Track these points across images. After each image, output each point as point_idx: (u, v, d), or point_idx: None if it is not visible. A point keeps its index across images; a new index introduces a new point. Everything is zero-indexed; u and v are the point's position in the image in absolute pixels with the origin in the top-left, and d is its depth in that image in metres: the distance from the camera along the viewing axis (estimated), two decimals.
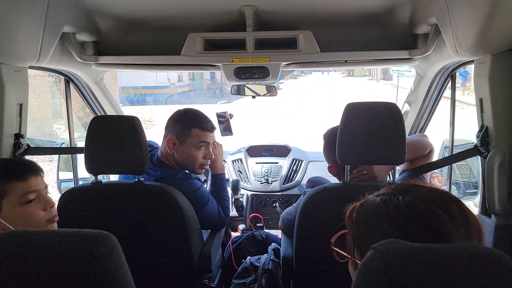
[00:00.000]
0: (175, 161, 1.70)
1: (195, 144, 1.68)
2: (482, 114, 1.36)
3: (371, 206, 0.66)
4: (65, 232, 0.56)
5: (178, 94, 18.87)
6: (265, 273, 1.72)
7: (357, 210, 0.68)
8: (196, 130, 1.68)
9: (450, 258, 0.47)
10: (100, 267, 0.52)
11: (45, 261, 0.52)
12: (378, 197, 0.67)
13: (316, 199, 1.35)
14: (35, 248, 0.54)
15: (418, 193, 0.64)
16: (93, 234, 0.54)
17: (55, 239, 0.54)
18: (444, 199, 0.63)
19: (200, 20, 1.64)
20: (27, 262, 0.53)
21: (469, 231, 0.60)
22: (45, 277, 0.52)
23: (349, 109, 1.35)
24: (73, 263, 0.52)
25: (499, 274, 0.46)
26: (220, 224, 1.77)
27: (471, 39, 1.15)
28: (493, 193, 1.30)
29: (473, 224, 0.62)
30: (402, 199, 0.63)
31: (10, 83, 1.33)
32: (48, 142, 7.75)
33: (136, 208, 1.43)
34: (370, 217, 0.65)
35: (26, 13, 1.20)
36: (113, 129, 1.42)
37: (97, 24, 1.64)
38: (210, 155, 1.73)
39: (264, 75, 1.68)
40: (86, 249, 0.52)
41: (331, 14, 1.60)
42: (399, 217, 0.61)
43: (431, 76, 1.92)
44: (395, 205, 0.63)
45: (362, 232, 0.66)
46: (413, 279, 0.45)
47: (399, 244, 0.50)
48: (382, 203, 0.64)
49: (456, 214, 0.61)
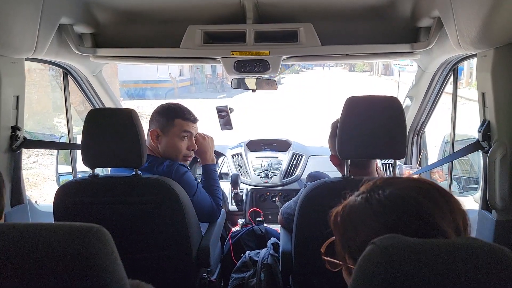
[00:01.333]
0: (159, 153, 1.73)
1: (178, 134, 1.71)
2: (484, 109, 1.34)
3: (354, 207, 0.65)
4: (55, 225, 0.55)
5: (179, 89, 18.82)
6: (264, 268, 1.72)
7: (341, 213, 0.67)
8: (179, 120, 1.72)
9: (451, 253, 0.47)
10: (90, 262, 0.51)
11: (35, 255, 0.51)
12: (358, 197, 0.66)
13: (316, 193, 1.34)
14: (25, 241, 0.52)
15: (397, 185, 0.63)
16: (84, 228, 0.53)
17: (45, 232, 0.53)
18: (424, 186, 0.63)
19: (199, 12, 1.62)
20: (17, 257, 0.52)
21: (453, 214, 0.60)
22: (35, 272, 0.51)
23: (349, 103, 1.33)
24: (63, 257, 0.50)
25: (500, 268, 0.46)
26: (213, 215, 1.76)
27: (474, 32, 1.13)
28: (494, 188, 1.29)
29: (456, 206, 0.61)
30: (382, 193, 0.62)
31: (6, 75, 1.31)
32: (48, 135, 7.75)
33: (134, 201, 1.42)
34: (355, 217, 0.64)
35: (22, 3, 1.19)
36: (110, 122, 1.41)
37: (95, 16, 1.62)
38: (193, 146, 1.78)
39: (264, 69, 1.66)
40: (77, 243, 0.51)
41: (332, 7, 1.58)
42: (383, 211, 0.60)
43: (433, 70, 1.91)
44: (377, 200, 0.62)
45: (349, 235, 0.65)
46: (413, 274, 0.45)
47: (399, 238, 0.49)
48: (364, 201, 0.64)
49: (439, 199, 0.60)
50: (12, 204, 1.43)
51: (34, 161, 6.66)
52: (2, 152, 1.38)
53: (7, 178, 1.41)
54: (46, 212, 1.67)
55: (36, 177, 6.01)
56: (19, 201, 1.47)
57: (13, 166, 1.44)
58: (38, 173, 6.20)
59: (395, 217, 0.59)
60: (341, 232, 0.67)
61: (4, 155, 1.39)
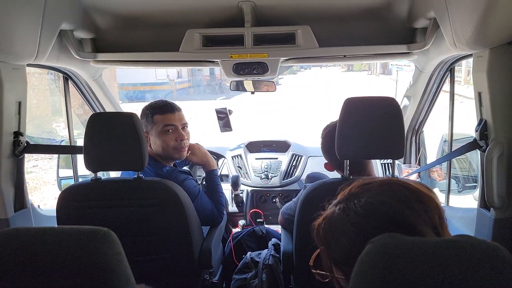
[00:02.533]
0: (154, 154, 1.73)
1: (160, 130, 1.70)
2: (480, 108, 1.36)
3: (333, 218, 0.67)
4: (64, 229, 0.56)
5: (177, 91, 18.83)
6: (265, 268, 1.73)
7: (322, 225, 0.69)
8: (157, 116, 1.70)
9: (450, 251, 0.48)
10: (99, 264, 0.53)
11: (45, 258, 0.53)
12: (336, 207, 0.67)
13: (316, 193, 1.36)
14: (35, 245, 0.54)
15: (370, 192, 0.65)
16: (93, 231, 0.55)
17: (55, 236, 0.55)
18: (395, 189, 0.64)
19: (198, 16, 1.64)
20: (27, 260, 0.53)
21: (428, 213, 0.61)
22: (45, 274, 0.52)
23: (348, 104, 1.35)
24: (73, 260, 0.52)
25: (496, 266, 0.47)
26: (214, 220, 1.77)
27: (469, 32, 1.15)
28: (492, 187, 1.30)
29: (431, 204, 0.63)
30: (357, 203, 0.64)
31: (9, 81, 1.33)
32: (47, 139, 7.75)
33: (136, 204, 1.43)
34: (335, 229, 0.66)
35: (23, 10, 1.20)
36: (112, 125, 1.42)
37: (95, 21, 1.64)
38: (182, 137, 1.72)
39: (263, 71, 1.68)
40: (86, 246, 0.53)
41: (329, 9, 1.59)
42: (360, 221, 0.62)
43: (430, 70, 1.92)
44: (354, 211, 0.64)
45: (332, 246, 0.66)
46: (411, 272, 0.46)
47: (396, 237, 0.50)
48: (342, 212, 0.65)
49: (411, 199, 0.62)
50: (15, 208, 1.44)
51: (34, 165, 6.67)
52: (5, 158, 1.39)
53: (10, 183, 1.42)
54: (49, 217, 1.68)
55: (36, 181, 6.02)
56: (22, 205, 1.48)
57: (16, 171, 1.45)
58: (38, 177, 6.21)
59: (372, 226, 0.60)
60: (324, 244, 0.68)
61: (7, 161, 1.40)
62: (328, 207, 0.70)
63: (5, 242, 0.55)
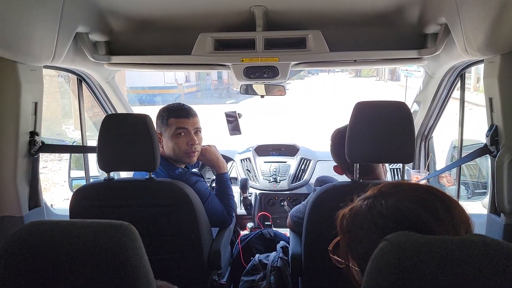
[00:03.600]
0: (165, 156, 1.75)
1: (173, 133, 1.72)
2: (491, 114, 1.36)
3: (358, 213, 0.68)
4: (88, 222, 0.58)
5: (185, 95, 18.95)
6: (274, 271, 1.74)
7: (346, 217, 0.70)
8: (172, 119, 1.73)
9: (463, 250, 0.48)
10: (123, 257, 0.54)
11: (70, 250, 0.55)
12: (364, 202, 0.68)
13: (326, 196, 1.37)
14: (60, 237, 0.56)
15: (400, 195, 0.65)
16: (116, 225, 0.56)
17: (79, 228, 0.56)
18: (426, 197, 0.63)
19: (210, 20, 1.66)
20: (52, 251, 0.55)
21: (456, 227, 0.61)
22: (70, 266, 0.54)
23: (358, 108, 1.36)
24: (97, 252, 0.54)
25: (508, 263, 0.47)
26: (224, 223, 1.79)
27: (481, 38, 1.15)
28: (502, 192, 1.30)
29: (458, 213, 0.63)
30: (384, 203, 0.64)
31: (26, 82, 1.36)
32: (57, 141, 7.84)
33: (148, 204, 1.45)
34: (358, 224, 0.67)
35: (42, 13, 1.24)
36: (125, 127, 1.45)
37: (109, 24, 1.67)
38: (193, 141, 1.74)
39: (273, 75, 1.70)
40: (108, 238, 0.54)
41: (340, 14, 1.61)
42: (383, 222, 0.63)
43: (440, 76, 1.92)
44: (379, 211, 0.64)
45: (352, 238, 0.68)
46: (425, 270, 0.47)
47: (412, 236, 0.51)
48: (367, 210, 0.66)
49: (440, 211, 0.62)
50: (30, 207, 1.47)
51: (44, 167, 6.74)
52: (21, 157, 1.42)
53: (26, 182, 1.46)
54: (62, 216, 1.71)
55: (46, 182, 6.08)
56: (36, 204, 1.51)
57: (31, 170, 1.48)
58: (48, 179, 6.27)
59: (393, 229, 0.60)
60: (345, 234, 0.70)
61: (23, 160, 1.43)
62: (356, 199, 0.71)
63: (28, 234, 0.57)
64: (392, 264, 0.48)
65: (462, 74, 1.85)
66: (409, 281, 0.47)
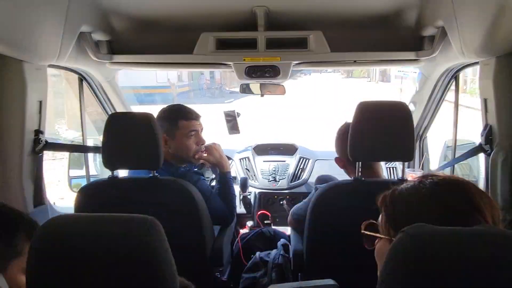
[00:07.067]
0: (170, 156, 1.76)
1: (185, 134, 1.75)
2: (486, 114, 1.41)
3: (407, 189, 0.74)
4: (113, 216, 0.60)
5: (177, 95, 18.81)
6: (275, 268, 1.77)
7: (390, 195, 0.75)
8: (183, 121, 1.75)
9: (475, 240, 0.51)
10: (148, 249, 0.56)
11: (97, 243, 0.56)
12: (407, 184, 0.75)
13: (328, 194, 1.40)
14: (87, 230, 0.58)
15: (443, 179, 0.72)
16: (141, 218, 0.58)
17: (105, 222, 0.58)
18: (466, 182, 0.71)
19: (212, 20, 1.68)
20: (79, 244, 0.57)
21: (491, 209, 0.68)
22: (97, 259, 0.56)
23: (360, 108, 1.39)
24: (124, 245, 0.56)
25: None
26: (226, 221, 1.81)
27: (477, 41, 1.20)
28: (496, 190, 1.34)
29: (492, 204, 0.69)
30: (435, 178, 0.72)
31: (31, 81, 1.37)
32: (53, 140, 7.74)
33: (152, 202, 1.47)
34: (407, 195, 0.73)
35: (47, 13, 1.25)
36: (130, 125, 1.47)
37: (111, 24, 1.68)
38: (202, 141, 1.80)
39: (274, 74, 1.72)
40: (135, 231, 0.56)
41: (341, 15, 1.64)
42: (437, 189, 0.70)
43: (436, 77, 1.97)
44: (431, 182, 0.72)
45: (399, 210, 0.73)
46: (442, 262, 0.49)
47: (428, 227, 0.53)
48: (418, 184, 0.73)
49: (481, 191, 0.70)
50: (34, 204, 1.48)
51: None
52: (26, 155, 1.43)
53: (30, 180, 1.46)
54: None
55: None
56: (40, 201, 1.52)
57: (35, 168, 1.49)
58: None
59: (447, 195, 0.68)
60: (390, 209, 0.75)
61: (28, 158, 1.44)
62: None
63: (57, 227, 0.59)
64: (409, 256, 0.50)
65: (457, 76, 1.90)
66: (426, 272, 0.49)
